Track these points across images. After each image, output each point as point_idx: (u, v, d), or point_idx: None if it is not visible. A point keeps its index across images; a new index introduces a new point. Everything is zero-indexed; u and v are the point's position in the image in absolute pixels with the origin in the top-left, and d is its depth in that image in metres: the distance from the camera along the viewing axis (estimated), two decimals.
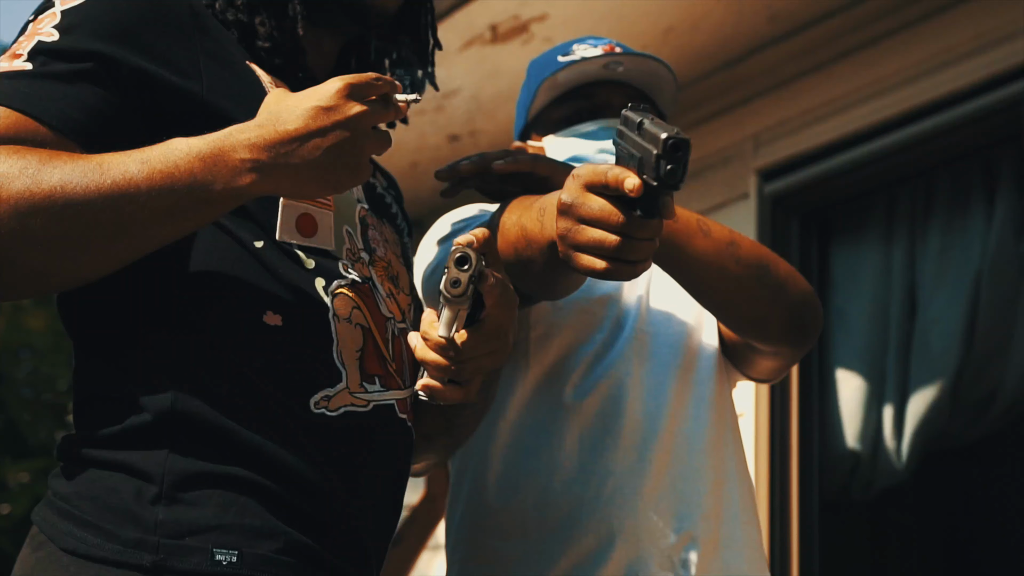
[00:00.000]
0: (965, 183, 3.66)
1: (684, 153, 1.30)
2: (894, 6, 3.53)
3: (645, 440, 1.87)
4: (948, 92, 3.41)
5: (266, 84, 1.56)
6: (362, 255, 1.55)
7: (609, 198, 1.38)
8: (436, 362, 1.43)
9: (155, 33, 1.47)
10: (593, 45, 2.09)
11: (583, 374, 1.91)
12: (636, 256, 1.39)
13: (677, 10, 3.66)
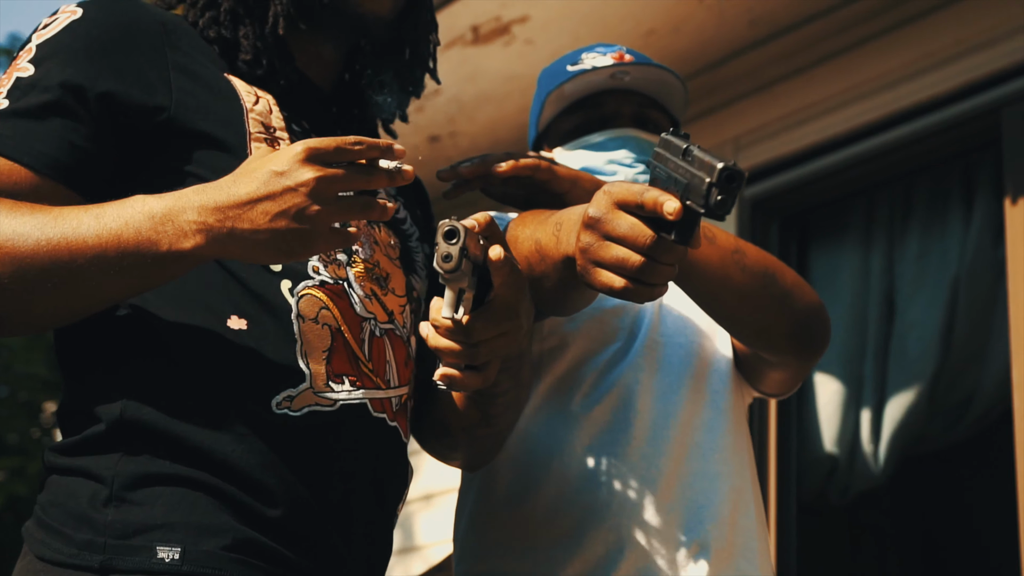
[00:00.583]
0: (943, 188, 3.68)
1: (737, 185, 1.28)
2: (874, 11, 3.54)
3: (654, 448, 1.85)
4: (927, 97, 3.42)
5: (244, 95, 1.57)
6: (338, 257, 1.55)
7: (640, 218, 1.35)
8: (448, 348, 1.40)
9: (124, 53, 1.49)
10: (603, 53, 2.06)
11: (593, 384, 1.89)
12: (656, 279, 1.37)
13: (659, 13, 3.66)
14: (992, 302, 3.56)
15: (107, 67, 1.48)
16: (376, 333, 1.55)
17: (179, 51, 1.55)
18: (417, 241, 1.72)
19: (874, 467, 3.73)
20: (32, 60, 1.48)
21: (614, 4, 3.64)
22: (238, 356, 1.45)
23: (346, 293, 1.53)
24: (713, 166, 1.28)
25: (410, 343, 1.62)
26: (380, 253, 1.61)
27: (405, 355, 1.59)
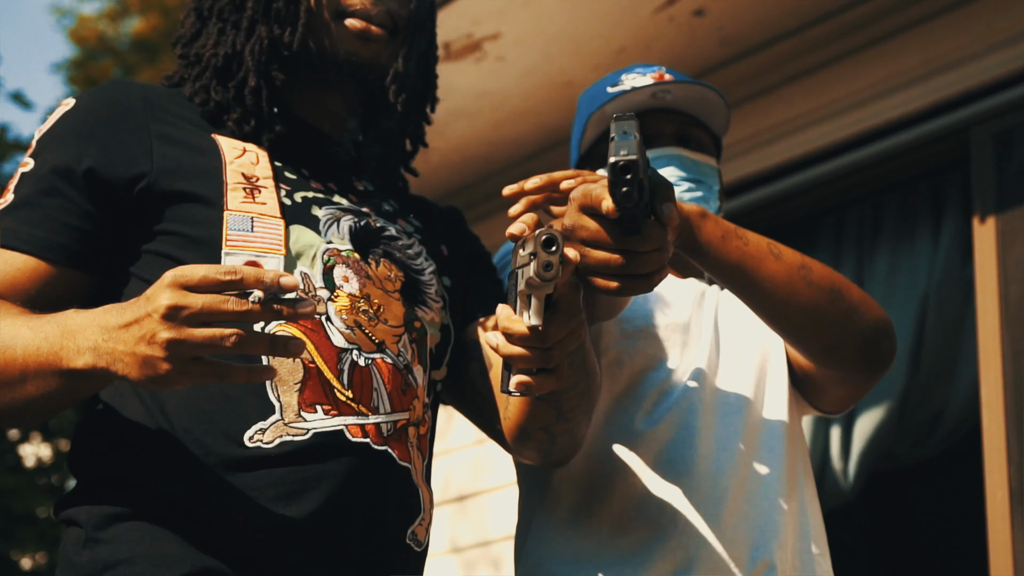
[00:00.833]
0: (912, 207, 3.70)
1: (634, 174, 1.28)
2: (843, 31, 3.57)
3: (719, 467, 1.83)
4: (896, 117, 3.45)
5: (227, 150, 1.65)
6: (319, 293, 1.60)
7: (603, 217, 1.36)
8: (522, 355, 1.40)
9: (108, 131, 1.62)
10: (642, 73, 2.04)
11: (655, 402, 1.87)
12: (646, 269, 1.37)
13: (630, 31, 3.68)
14: (960, 320, 3.58)
15: (91, 146, 1.60)
16: (360, 363, 1.59)
17: (162, 121, 1.65)
18: (432, 274, 1.75)
19: (844, 484, 3.74)
20: (32, 154, 1.63)
21: (585, 22, 3.65)
22: (212, 398, 1.52)
23: (323, 326, 1.58)
24: (608, 162, 1.29)
25: (411, 371, 1.65)
26: (373, 286, 1.65)
27: (401, 382, 1.63)
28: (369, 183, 1.80)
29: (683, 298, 1.96)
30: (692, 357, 1.91)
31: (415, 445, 1.64)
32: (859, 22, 3.53)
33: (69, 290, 1.58)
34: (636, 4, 3.57)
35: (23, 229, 1.57)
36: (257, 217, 1.61)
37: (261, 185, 1.64)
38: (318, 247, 1.63)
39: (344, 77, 1.73)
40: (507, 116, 4.01)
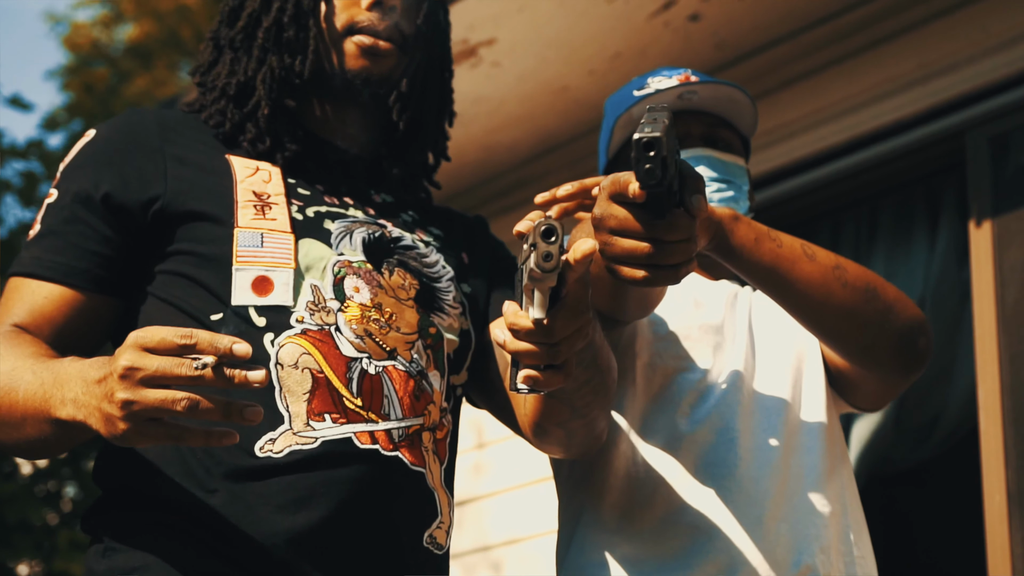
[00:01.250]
0: (908, 211, 3.70)
1: (658, 151, 1.26)
2: (839, 34, 3.57)
3: (760, 470, 1.82)
4: (892, 121, 3.45)
5: (239, 169, 1.71)
6: (327, 304, 1.64)
7: (632, 205, 1.35)
8: (529, 351, 1.39)
9: (124, 158, 1.69)
10: (668, 76, 2.03)
11: (692, 404, 1.86)
12: (673, 260, 1.36)
13: (625, 36, 3.68)
14: (957, 323, 3.58)
15: (108, 172, 1.67)
16: (370, 371, 1.63)
17: (177, 144, 1.72)
18: (449, 281, 1.78)
19: None
20: (56, 185, 1.70)
21: (580, 27, 3.65)
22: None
23: (332, 337, 1.62)
24: (632, 139, 1.28)
25: (425, 376, 1.69)
26: (385, 295, 1.69)
27: (414, 388, 1.66)
28: (389, 195, 1.84)
29: (716, 300, 1.95)
30: (727, 359, 1.90)
31: (430, 450, 1.67)
32: (854, 26, 3.54)
33: (95, 315, 1.65)
34: (631, 9, 3.57)
35: (48, 257, 1.65)
36: (267, 233, 1.66)
37: (272, 202, 1.69)
38: (328, 259, 1.67)
39: (357, 93, 1.77)
40: (503, 121, 4.01)
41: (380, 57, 1.75)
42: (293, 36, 1.76)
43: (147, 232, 1.67)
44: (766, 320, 1.97)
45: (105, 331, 1.67)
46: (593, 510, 1.85)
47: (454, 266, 1.81)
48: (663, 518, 1.80)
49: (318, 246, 1.67)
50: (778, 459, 1.84)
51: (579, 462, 1.89)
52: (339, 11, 1.76)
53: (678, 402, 1.86)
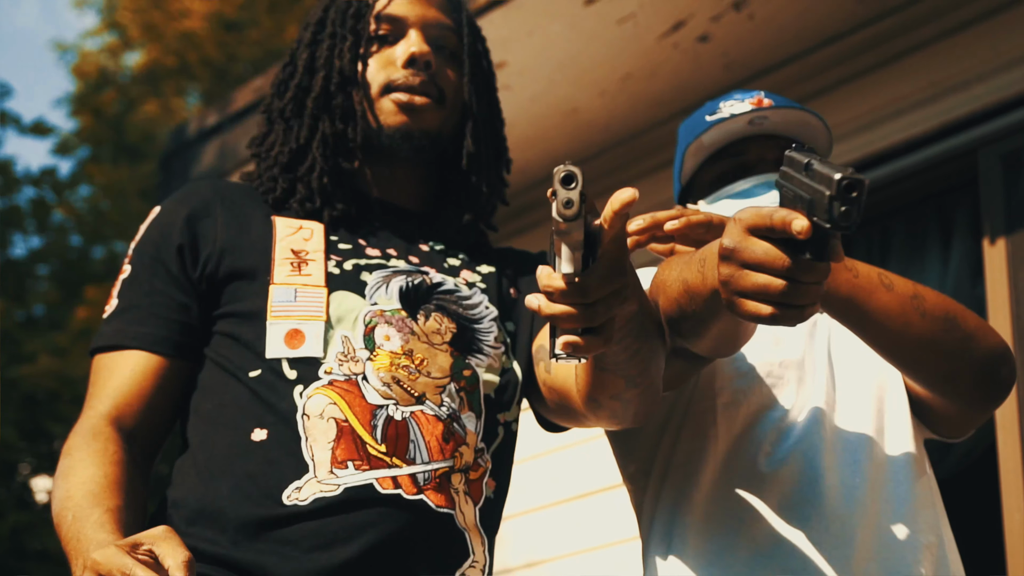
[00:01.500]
0: (921, 229, 3.69)
1: (860, 194, 1.23)
2: (848, 54, 3.57)
3: (847, 507, 1.77)
4: (903, 139, 3.45)
5: (281, 228, 1.80)
6: (357, 354, 1.71)
7: (774, 241, 1.31)
8: (564, 312, 1.35)
9: (185, 227, 1.80)
10: (740, 99, 2.00)
11: (774, 442, 1.82)
12: (803, 300, 1.32)
13: (635, 57, 3.69)
14: None
15: (173, 244, 1.79)
16: (396, 417, 1.68)
17: (229, 210, 1.83)
18: (491, 322, 1.82)
19: None
20: (129, 262, 1.81)
21: (590, 50, 3.66)
22: (259, 463, 1.66)
23: (358, 385, 1.69)
24: (831, 178, 1.23)
25: (457, 419, 1.72)
26: (417, 341, 1.74)
27: (443, 431, 1.70)
28: (439, 242, 1.89)
29: (795, 333, 1.90)
30: (809, 394, 1.86)
31: (461, 491, 1.70)
32: (864, 46, 3.54)
33: (176, 380, 1.75)
34: (641, 31, 3.58)
35: (131, 329, 1.75)
36: (300, 288, 1.74)
37: (310, 258, 1.78)
38: (360, 310, 1.74)
39: (399, 149, 1.85)
40: (513, 143, 3.95)
41: (417, 112, 1.84)
42: (341, 103, 1.86)
43: (205, 295, 1.77)
44: (845, 349, 1.93)
45: (178, 394, 1.77)
46: (678, 553, 1.81)
47: (499, 304, 1.84)
48: (748, 560, 1.75)
49: (351, 298, 1.74)
50: (864, 495, 1.79)
51: (662, 505, 1.85)
52: (377, 72, 1.86)
53: (760, 441, 1.82)
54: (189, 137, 4.67)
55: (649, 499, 1.88)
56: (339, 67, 1.87)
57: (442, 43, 1.90)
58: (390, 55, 1.87)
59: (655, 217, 1.77)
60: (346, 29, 1.89)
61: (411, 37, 1.87)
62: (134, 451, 1.71)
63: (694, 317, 1.54)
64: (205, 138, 4.59)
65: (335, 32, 1.89)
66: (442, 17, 1.90)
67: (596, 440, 3.14)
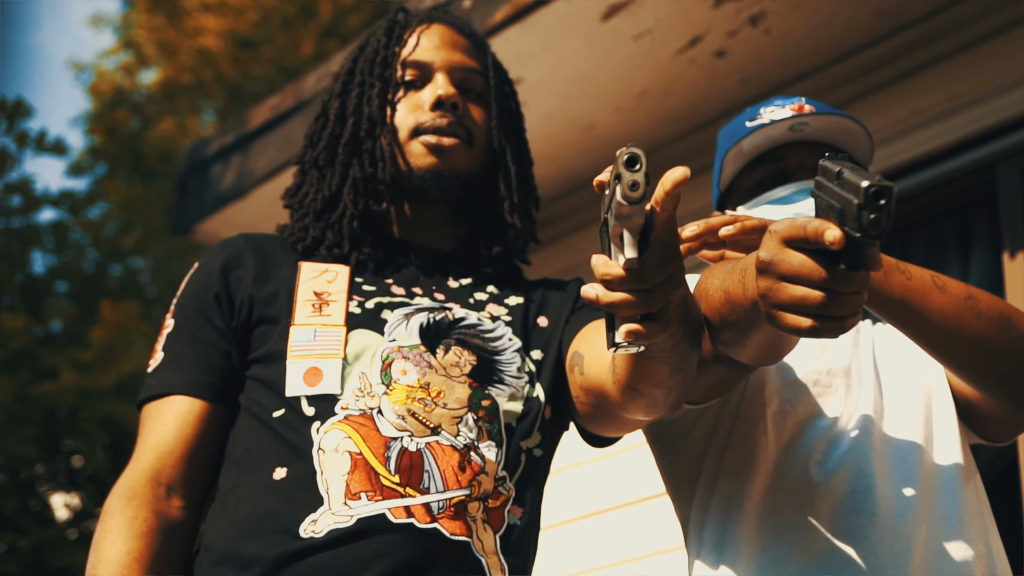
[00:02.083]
0: (940, 243, 3.68)
1: (888, 201, 1.22)
2: (865, 69, 3.56)
3: (900, 516, 1.75)
4: (922, 153, 3.44)
5: (307, 272, 1.88)
6: (374, 388, 1.75)
7: (810, 252, 1.30)
8: (623, 300, 1.34)
9: (221, 280, 1.88)
10: (781, 105, 1.99)
11: (824, 451, 1.81)
12: (843, 311, 1.31)
13: (651, 73, 3.68)
14: None
15: (211, 296, 1.87)
16: (410, 448, 1.71)
17: (260, 260, 1.91)
18: (515, 352, 1.85)
19: None
20: (172, 316, 1.90)
21: (606, 66, 3.66)
22: (279, 500, 1.70)
23: (373, 419, 1.73)
24: (859, 186, 1.22)
25: (474, 448, 1.75)
26: (435, 375, 1.77)
27: (459, 461, 1.72)
28: (468, 277, 1.95)
29: (840, 340, 1.90)
30: (856, 402, 1.85)
31: (480, 519, 1.72)
32: (881, 60, 3.53)
33: (218, 425, 1.82)
34: (657, 46, 3.58)
35: (175, 377, 1.82)
36: (320, 328, 1.80)
37: (331, 300, 1.84)
38: (378, 347, 1.78)
39: (429, 189, 1.91)
40: None
41: (446, 153, 1.90)
42: (371, 147, 1.92)
43: (241, 342, 1.85)
44: (891, 355, 1.92)
45: (217, 440, 1.83)
46: (730, 563, 1.79)
47: (525, 334, 1.87)
48: (802, 571, 1.74)
49: (369, 335, 1.79)
50: (917, 503, 1.77)
51: (712, 514, 1.84)
52: (406, 116, 1.92)
53: (810, 450, 1.80)
54: (206, 156, 4.67)
55: (697, 508, 1.86)
56: (368, 113, 1.93)
57: (469, 85, 1.96)
58: (418, 99, 1.93)
59: (708, 223, 1.76)
60: (374, 76, 1.95)
61: (437, 80, 1.93)
62: (172, 506, 1.76)
63: (735, 327, 1.53)
64: (222, 157, 4.60)
65: (363, 80, 1.96)
66: (468, 60, 1.97)
67: (638, 448, 3.12)
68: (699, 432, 1.88)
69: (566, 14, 3.48)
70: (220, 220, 4.61)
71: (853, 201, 1.24)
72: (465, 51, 1.98)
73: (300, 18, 12.07)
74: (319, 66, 4.32)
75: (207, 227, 4.67)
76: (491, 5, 3.56)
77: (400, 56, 1.95)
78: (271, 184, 4.35)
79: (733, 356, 1.62)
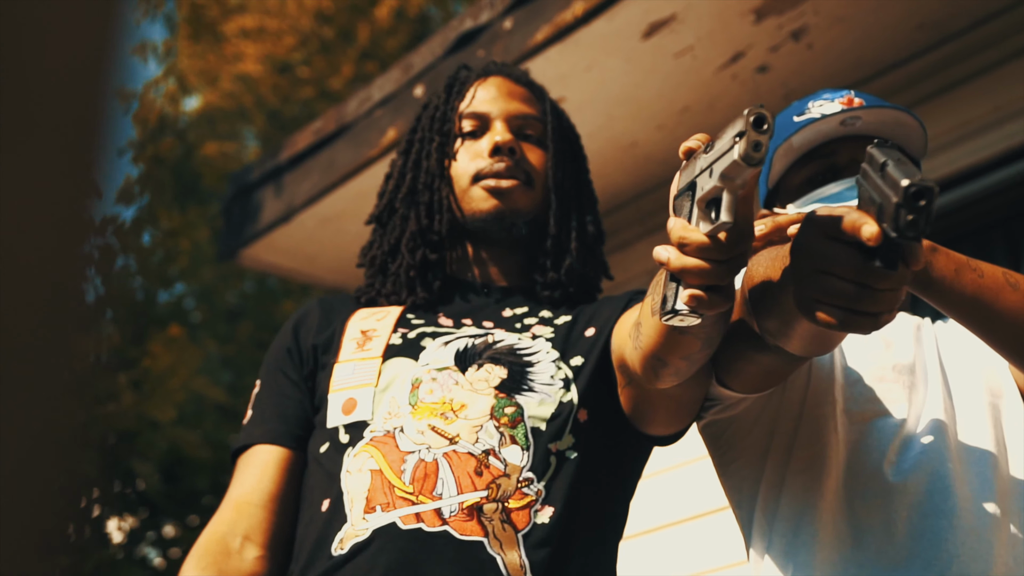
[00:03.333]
0: (988, 255, 3.63)
1: (929, 202, 1.17)
2: (909, 82, 3.54)
3: (981, 520, 1.70)
4: (967, 165, 3.41)
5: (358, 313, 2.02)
6: (401, 410, 1.84)
7: (847, 244, 1.25)
8: (697, 267, 1.31)
9: (294, 330, 2.04)
10: (830, 99, 1.92)
11: (898, 451, 1.76)
12: (877, 308, 1.26)
13: (693, 90, 3.68)
14: None
15: (292, 356, 2.01)
16: (427, 459, 1.79)
17: (325, 315, 2.05)
18: (552, 363, 1.89)
19: None
20: (259, 376, 2.04)
21: (648, 83, 3.66)
22: (321, 527, 1.82)
23: (394, 436, 1.82)
24: (899, 183, 1.17)
25: (496, 452, 1.81)
26: (460, 390, 1.85)
27: (475, 466, 1.79)
28: (523, 305, 2.02)
29: (903, 336, 1.85)
30: (923, 401, 1.80)
31: (497, 519, 1.77)
32: (926, 72, 3.51)
33: (298, 470, 1.93)
34: (699, 63, 3.57)
35: (259, 428, 1.96)
36: (359, 362, 1.92)
37: (375, 335, 1.95)
38: (409, 373, 1.88)
39: (491, 231, 2.00)
40: None
41: (506, 194, 1.98)
42: (428, 199, 2.03)
43: (311, 391, 1.98)
44: (954, 353, 1.87)
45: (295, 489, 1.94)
46: (802, 565, 1.74)
47: (565, 345, 1.92)
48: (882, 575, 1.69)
49: (404, 362, 1.90)
50: (995, 506, 1.72)
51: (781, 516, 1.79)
52: (467, 164, 2.01)
53: (883, 450, 1.76)
54: (249, 181, 4.70)
55: (762, 509, 1.82)
56: (426, 167, 2.04)
57: (527, 131, 2.04)
58: (477, 148, 2.02)
59: (777, 222, 1.72)
60: (433, 131, 2.06)
61: (495, 128, 2.02)
62: (245, 558, 1.86)
63: (779, 316, 1.48)
64: (265, 182, 4.62)
65: (423, 136, 2.07)
66: (525, 108, 2.05)
67: (701, 461, 3.11)
68: (760, 429, 1.85)
69: (607, 33, 3.49)
70: (265, 245, 4.64)
71: (892, 199, 1.19)
72: (522, 99, 2.07)
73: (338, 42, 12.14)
74: (360, 89, 4.34)
75: (252, 252, 4.70)
76: (532, 26, 3.57)
77: (459, 110, 2.05)
78: (315, 208, 4.38)
79: (781, 346, 1.57)
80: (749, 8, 3.37)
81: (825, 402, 1.80)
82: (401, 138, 2.15)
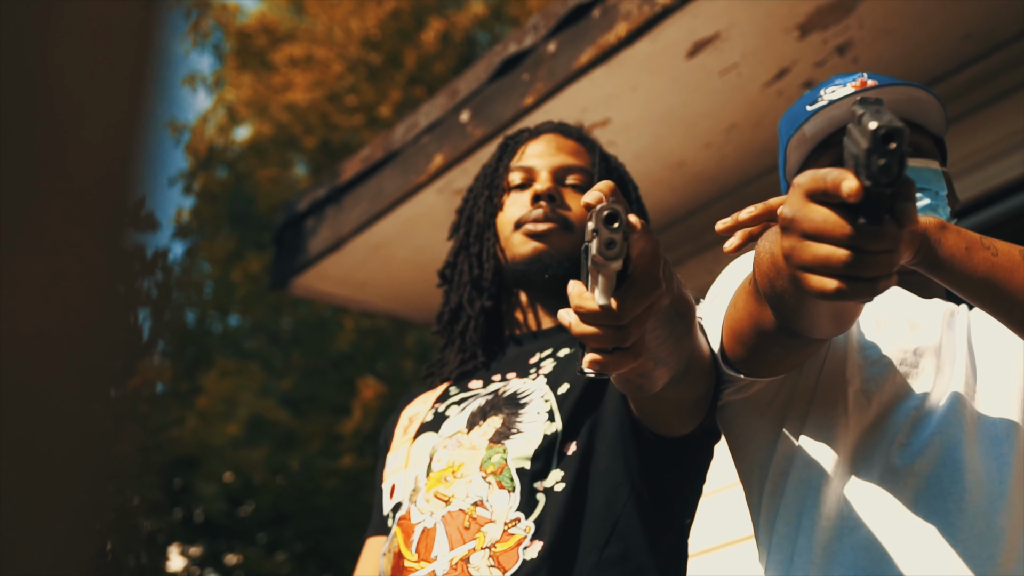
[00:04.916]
0: None
1: (900, 144, 1.11)
2: (957, 92, 3.51)
3: (991, 503, 1.64)
4: (1016, 177, 3.38)
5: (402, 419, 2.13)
6: (419, 484, 1.96)
7: (834, 207, 1.19)
8: (595, 335, 1.31)
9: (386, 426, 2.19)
10: (842, 84, 1.87)
11: (909, 434, 1.70)
12: (872, 272, 1.19)
13: (739, 107, 3.67)
14: None
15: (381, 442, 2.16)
16: (428, 525, 1.90)
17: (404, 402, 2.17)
18: (540, 397, 1.95)
19: None
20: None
21: (694, 102, 3.65)
22: None
23: (409, 511, 1.95)
24: (867, 128, 1.11)
25: (484, 502, 1.89)
26: (463, 451, 1.94)
27: (463, 520, 1.87)
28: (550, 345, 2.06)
29: (931, 319, 1.79)
30: (947, 383, 1.74)
31: (484, 565, 1.84)
32: (973, 83, 3.49)
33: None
34: (744, 80, 3.57)
35: (371, 521, 2.12)
36: (399, 448, 2.05)
37: (417, 417, 2.07)
38: (429, 446, 1.99)
39: (534, 274, 2.06)
40: None
41: (543, 236, 2.05)
42: (478, 250, 2.12)
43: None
44: (987, 339, 1.81)
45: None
46: (804, 555, 1.70)
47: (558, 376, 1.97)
48: (881, 559, 1.65)
49: (429, 437, 2.00)
50: (1011, 493, 1.67)
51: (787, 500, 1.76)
52: (510, 213, 2.10)
53: (894, 432, 1.71)
54: (299, 211, 4.74)
55: (769, 495, 1.79)
56: (477, 220, 2.14)
57: (573, 180, 2.11)
58: (522, 198, 2.10)
59: (768, 204, 1.67)
60: (484, 186, 2.16)
61: (540, 178, 2.10)
62: None
63: (785, 293, 1.41)
64: (315, 211, 4.66)
65: (477, 193, 2.17)
66: (572, 160, 2.12)
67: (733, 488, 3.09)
68: (772, 413, 1.81)
69: (651, 53, 3.49)
70: (316, 274, 4.67)
71: (863, 145, 1.13)
72: (571, 152, 2.14)
73: (386, 68, 12.21)
74: (408, 116, 4.37)
75: (303, 281, 4.73)
76: (576, 48, 3.58)
77: (510, 166, 2.15)
78: (364, 236, 4.40)
79: (794, 328, 1.51)
80: (793, 24, 3.36)
81: (839, 384, 1.75)
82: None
